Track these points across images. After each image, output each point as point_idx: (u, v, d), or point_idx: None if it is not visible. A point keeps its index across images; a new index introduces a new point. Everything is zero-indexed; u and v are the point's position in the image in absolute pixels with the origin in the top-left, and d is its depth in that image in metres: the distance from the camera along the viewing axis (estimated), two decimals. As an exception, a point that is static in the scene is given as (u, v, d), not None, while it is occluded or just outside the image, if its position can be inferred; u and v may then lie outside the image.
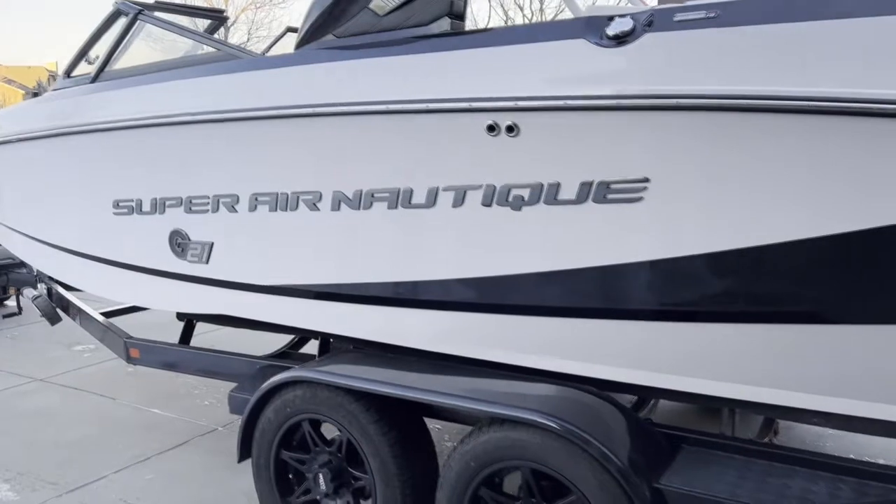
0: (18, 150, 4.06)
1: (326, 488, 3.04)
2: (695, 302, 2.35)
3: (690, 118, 2.14)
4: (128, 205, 3.61)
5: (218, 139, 3.11)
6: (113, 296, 4.16)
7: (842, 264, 2.10)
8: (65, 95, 3.84)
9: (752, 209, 2.14)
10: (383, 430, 2.83)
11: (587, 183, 2.35)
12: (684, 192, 2.23)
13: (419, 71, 2.61)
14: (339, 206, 2.89)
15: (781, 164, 2.07)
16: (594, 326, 2.54)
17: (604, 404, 2.58)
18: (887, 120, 1.90)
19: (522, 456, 2.50)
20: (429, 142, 2.60)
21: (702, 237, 2.24)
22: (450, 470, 2.67)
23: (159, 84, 3.34)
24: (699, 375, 2.44)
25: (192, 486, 3.88)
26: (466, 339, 2.84)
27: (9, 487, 3.92)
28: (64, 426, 4.78)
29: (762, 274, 2.20)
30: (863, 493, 2.23)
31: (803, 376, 2.28)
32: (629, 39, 2.22)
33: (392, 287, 2.90)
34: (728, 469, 2.40)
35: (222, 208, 3.25)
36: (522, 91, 2.36)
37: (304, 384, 3.01)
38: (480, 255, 2.65)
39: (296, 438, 3.12)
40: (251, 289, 3.36)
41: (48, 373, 5.94)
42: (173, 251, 3.53)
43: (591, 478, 2.36)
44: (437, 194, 2.65)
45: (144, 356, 4.19)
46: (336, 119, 2.74)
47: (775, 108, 2.02)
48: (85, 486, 3.92)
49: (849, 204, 2.02)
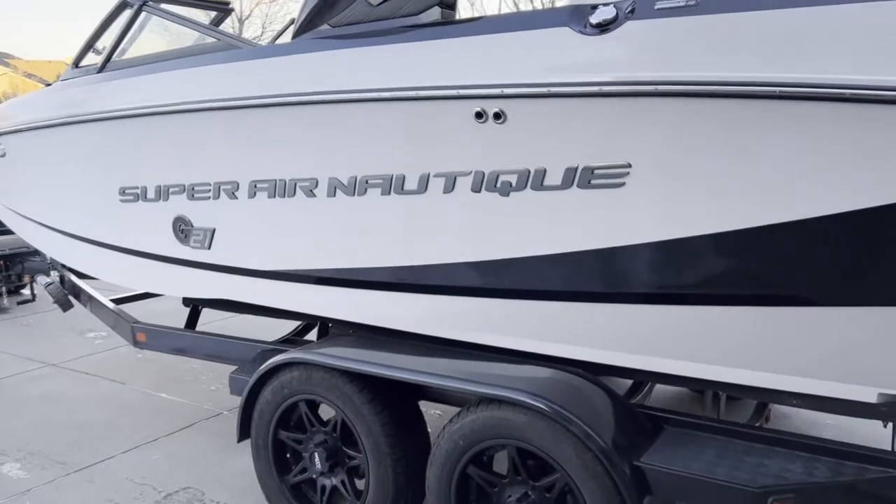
0: (29, 139, 4.16)
1: (322, 467, 3.12)
2: (677, 285, 2.40)
3: (670, 104, 2.19)
4: (133, 192, 3.70)
5: (218, 127, 3.19)
6: (120, 281, 4.26)
7: (818, 247, 2.15)
8: (73, 85, 3.94)
9: (732, 194, 2.19)
10: (376, 410, 2.91)
11: (572, 168, 2.41)
12: (665, 177, 2.28)
13: (410, 59, 2.67)
14: (335, 193, 2.96)
15: (761, 149, 2.12)
16: (582, 310, 2.59)
17: (588, 385, 2.63)
18: (872, 106, 1.93)
19: (509, 435, 2.57)
20: (420, 129, 2.66)
21: (683, 221, 2.29)
22: (439, 448, 2.74)
23: (162, 73, 3.43)
24: (683, 358, 2.49)
25: (196, 466, 3.98)
26: (458, 323, 2.91)
27: (20, 466, 4.04)
28: (74, 409, 4.91)
29: (742, 257, 2.25)
30: (838, 472, 2.28)
31: (781, 358, 2.33)
32: (612, 27, 2.27)
33: (386, 272, 2.97)
34: (707, 449, 2.45)
35: (223, 195, 3.33)
36: (508, 78, 2.41)
37: (300, 366, 3.09)
38: (470, 241, 2.71)
39: (293, 419, 3.21)
40: (252, 274, 3.44)
41: (61, 358, 6.08)
42: (177, 237, 3.62)
43: (574, 456, 2.42)
44: (428, 180, 2.71)
45: (150, 340, 4.30)
46: (330, 107, 2.81)
47: (753, 94, 2.06)
48: (93, 465, 4.03)
49: (826, 188, 2.06)
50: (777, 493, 2.19)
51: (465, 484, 2.73)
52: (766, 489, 2.20)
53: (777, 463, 2.35)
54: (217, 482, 3.79)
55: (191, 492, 3.70)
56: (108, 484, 3.80)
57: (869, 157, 2.00)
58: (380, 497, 2.92)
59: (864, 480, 2.25)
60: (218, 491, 3.70)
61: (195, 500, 3.63)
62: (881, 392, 2.25)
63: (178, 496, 3.66)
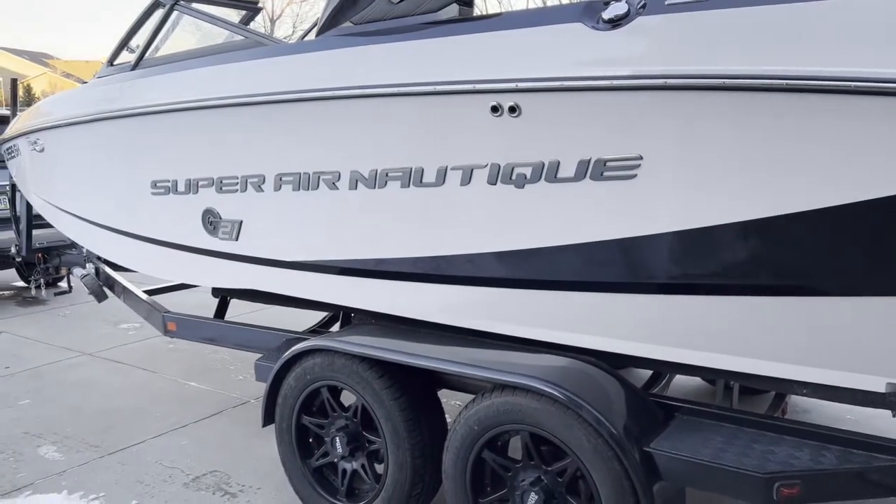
0: (66, 135, 4.33)
1: (343, 451, 3.22)
2: (689, 276, 2.44)
3: (679, 98, 2.23)
4: (164, 185, 3.84)
5: (245, 122, 3.30)
6: (151, 271, 4.40)
7: (828, 238, 2.18)
8: (107, 82, 4.09)
9: (742, 185, 2.23)
10: (395, 396, 2.99)
11: (585, 161, 2.46)
12: (676, 168, 2.32)
13: (428, 55, 2.75)
14: (357, 186, 3.05)
15: (770, 141, 2.16)
16: (596, 300, 2.65)
17: (601, 373, 2.69)
18: (881, 98, 1.96)
19: (522, 420, 2.64)
20: (437, 122, 2.74)
21: (694, 212, 2.33)
22: (455, 433, 2.82)
23: (192, 71, 3.56)
24: (695, 347, 2.53)
25: (223, 451, 4.11)
26: (474, 313, 2.98)
27: (55, 449, 4.21)
28: (108, 396, 5.08)
29: (752, 248, 2.28)
30: (846, 460, 2.30)
31: (791, 348, 2.37)
32: (623, 23, 2.32)
33: (406, 262, 3.05)
34: (716, 436, 2.49)
35: (250, 188, 3.44)
36: (523, 73, 2.48)
37: (322, 352, 3.20)
38: (487, 232, 2.78)
39: (315, 404, 3.32)
40: (277, 264, 3.55)
41: (96, 348, 6.28)
42: (206, 229, 3.74)
43: (585, 441, 2.48)
44: (446, 173, 2.78)
45: (181, 329, 4.44)
46: (351, 101, 2.90)
47: (761, 87, 2.10)
48: (125, 449, 4.19)
49: (846, 176, 2.08)
50: (783, 479, 2.23)
51: (480, 468, 2.80)
52: (773, 475, 2.23)
53: (785, 450, 2.38)
54: (243, 466, 3.91)
55: (218, 475, 3.83)
56: (139, 467, 3.95)
57: (876, 148, 2.02)
58: (398, 481, 3.01)
59: (873, 468, 2.28)
60: (244, 475, 3.83)
61: (222, 483, 3.75)
62: (889, 381, 2.28)
63: (206, 479, 3.79)
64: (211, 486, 3.72)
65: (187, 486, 3.72)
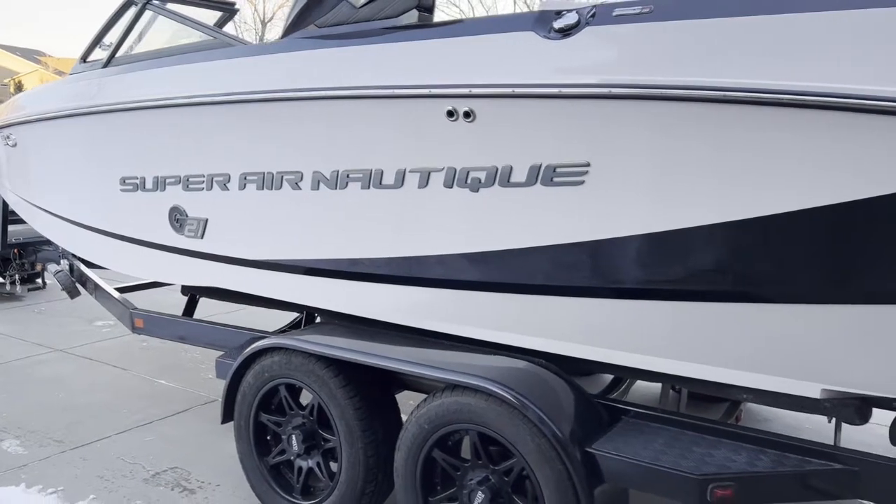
0: (38, 130, 4.35)
1: (299, 449, 3.25)
2: (633, 280, 2.49)
3: (625, 106, 2.29)
4: (133, 182, 3.86)
5: (210, 121, 3.34)
6: (121, 269, 4.42)
7: (767, 246, 2.23)
8: (80, 79, 4.11)
9: (685, 193, 2.28)
10: (350, 395, 3.03)
11: (536, 166, 2.52)
12: (622, 176, 2.38)
13: (388, 59, 2.80)
14: (319, 186, 3.09)
15: (712, 150, 2.21)
16: (546, 303, 2.70)
17: (550, 375, 2.74)
18: (817, 112, 2.02)
19: (471, 420, 2.68)
20: (396, 126, 2.79)
21: (638, 219, 2.39)
22: (406, 432, 2.86)
23: (160, 69, 3.60)
24: (636, 350, 2.58)
25: (186, 448, 4.13)
26: (433, 314, 3.02)
27: (19, 443, 4.22)
28: (76, 392, 5.09)
29: (691, 255, 2.34)
30: (780, 463, 2.36)
31: (734, 353, 2.42)
32: (573, 32, 2.38)
33: (366, 263, 3.09)
34: (657, 438, 2.54)
35: (216, 186, 3.48)
36: (477, 79, 2.54)
37: (281, 351, 3.23)
38: (445, 235, 2.82)
39: (273, 402, 3.35)
40: (242, 263, 3.58)
41: (68, 344, 6.28)
42: (172, 226, 3.77)
43: (529, 441, 2.53)
44: (404, 176, 2.83)
45: (148, 326, 4.46)
46: (313, 103, 2.94)
47: (703, 98, 2.16)
48: (88, 444, 4.20)
49: (785, 186, 2.14)
50: (717, 480, 2.28)
51: (430, 467, 2.84)
52: (707, 477, 2.29)
53: (723, 453, 2.44)
54: (204, 463, 3.93)
55: (178, 471, 3.85)
56: (100, 462, 3.96)
57: (818, 158, 2.08)
58: (351, 478, 3.04)
59: (805, 472, 2.34)
60: (204, 471, 3.85)
61: (182, 479, 3.77)
62: (824, 388, 2.34)
63: (166, 475, 3.81)
64: (171, 482, 3.74)
65: (147, 482, 3.73)
